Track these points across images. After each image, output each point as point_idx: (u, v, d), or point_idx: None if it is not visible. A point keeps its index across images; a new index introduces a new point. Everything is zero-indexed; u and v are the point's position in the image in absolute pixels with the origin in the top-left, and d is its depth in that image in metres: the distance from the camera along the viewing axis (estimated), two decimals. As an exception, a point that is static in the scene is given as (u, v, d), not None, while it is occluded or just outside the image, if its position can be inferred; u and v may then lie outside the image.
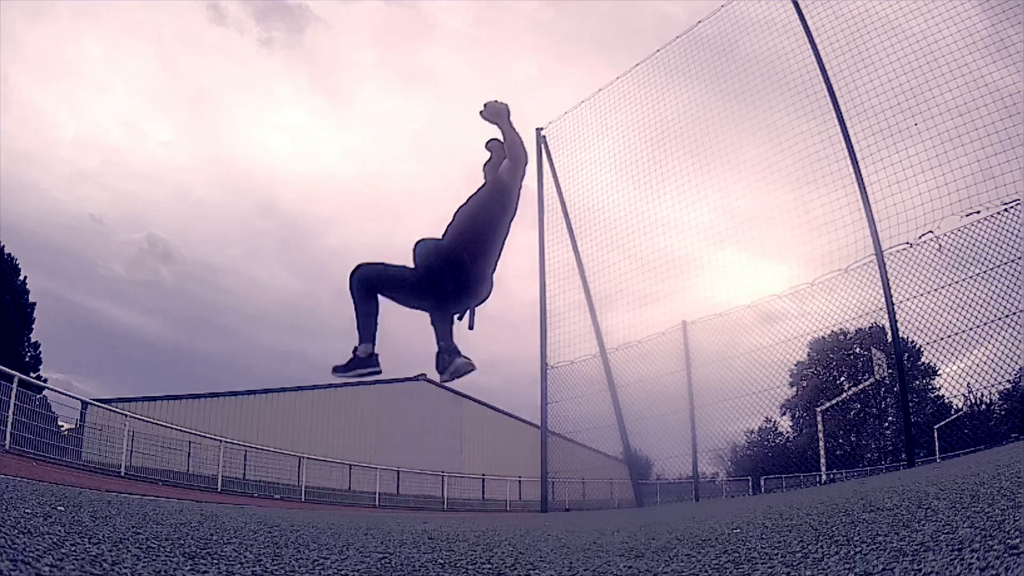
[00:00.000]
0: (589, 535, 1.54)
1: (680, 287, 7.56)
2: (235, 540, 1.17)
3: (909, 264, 5.44)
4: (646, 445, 8.10)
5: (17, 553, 0.76)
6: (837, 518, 1.25)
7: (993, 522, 0.88)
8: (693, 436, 7.59)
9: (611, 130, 8.37)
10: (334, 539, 1.34)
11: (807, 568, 0.79)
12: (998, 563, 0.66)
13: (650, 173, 7.78)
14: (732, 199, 7.01)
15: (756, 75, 6.86)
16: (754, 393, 7.07)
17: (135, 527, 1.20)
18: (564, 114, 8.84)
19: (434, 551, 1.20)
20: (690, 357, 7.69)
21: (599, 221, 8.28)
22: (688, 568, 0.89)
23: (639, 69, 8.06)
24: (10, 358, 18.76)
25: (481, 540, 1.42)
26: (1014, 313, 4.85)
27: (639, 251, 7.71)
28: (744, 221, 6.91)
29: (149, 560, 0.85)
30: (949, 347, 5.21)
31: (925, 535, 0.87)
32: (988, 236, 5.00)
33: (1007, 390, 5.68)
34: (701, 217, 7.18)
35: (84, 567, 0.74)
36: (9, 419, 8.86)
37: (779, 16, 6.62)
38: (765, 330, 6.87)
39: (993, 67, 5.15)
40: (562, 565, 0.99)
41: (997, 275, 4.97)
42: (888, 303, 5.50)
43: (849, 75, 6.01)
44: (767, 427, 27.81)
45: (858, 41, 5.94)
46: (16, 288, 25.18)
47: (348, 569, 0.93)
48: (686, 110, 7.50)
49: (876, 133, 5.77)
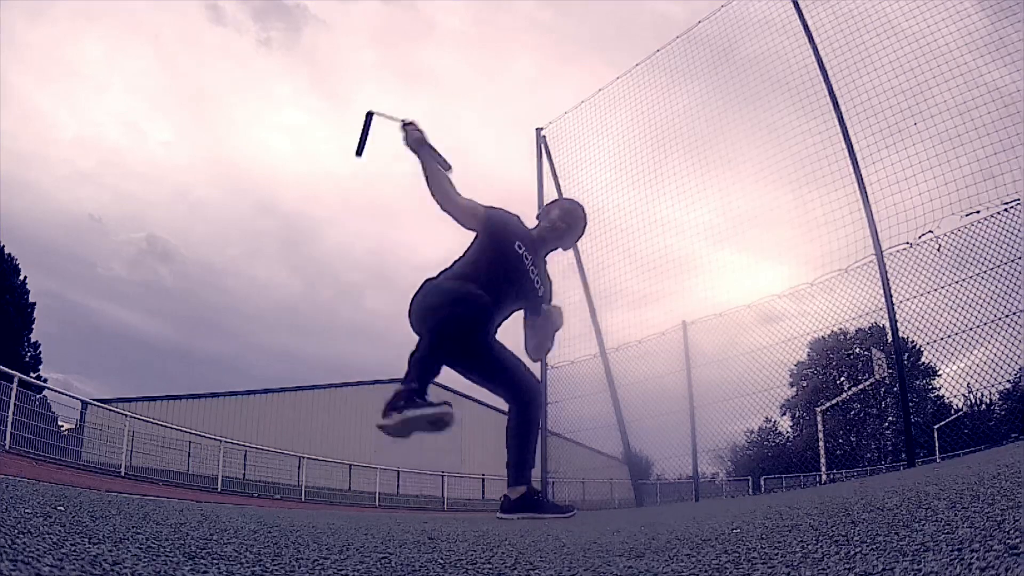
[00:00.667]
0: (589, 535, 1.54)
1: (680, 287, 7.56)
2: (235, 540, 1.16)
3: (909, 264, 5.43)
4: (646, 445, 8.10)
5: (17, 553, 0.76)
6: (837, 518, 1.24)
7: (993, 522, 0.88)
8: (693, 436, 7.60)
9: (611, 130, 8.37)
10: (334, 539, 1.34)
11: (807, 568, 0.79)
12: (998, 563, 0.66)
13: (650, 173, 7.79)
14: (732, 199, 7.02)
15: (756, 75, 6.87)
16: (754, 393, 7.08)
17: (135, 527, 1.20)
18: (564, 114, 8.85)
19: (434, 551, 1.20)
20: (690, 357, 7.69)
21: (599, 221, 8.28)
22: (688, 568, 0.89)
23: (639, 69, 8.06)
24: (10, 358, 18.76)
25: (481, 540, 1.42)
26: (1014, 313, 4.85)
27: (639, 251, 7.71)
28: (744, 221, 6.91)
29: (149, 560, 0.85)
30: (949, 347, 5.21)
31: (925, 535, 0.87)
32: (988, 236, 5.00)
33: (1007, 390, 5.68)
34: (701, 217, 7.19)
35: (84, 567, 0.74)
36: (9, 419, 8.86)
37: (779, 16, 6.63)
38: (765, 330, 6.88)
39: (992, 66, 5.15)
40: (562, 565, 0.98)
41: (997, 275, 4.97)
42: (888, 303, 5.50)
43: (849, 75, 6.01)
44: (767, 427, 27.81)
45: (858, 41, 5.94)
46: (16, 288, 25.20)
47: (348, 569, 0.93)
48: (686, 110, 7.50)
49: (876, 133, 5.77)
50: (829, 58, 6.12)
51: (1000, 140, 4.91)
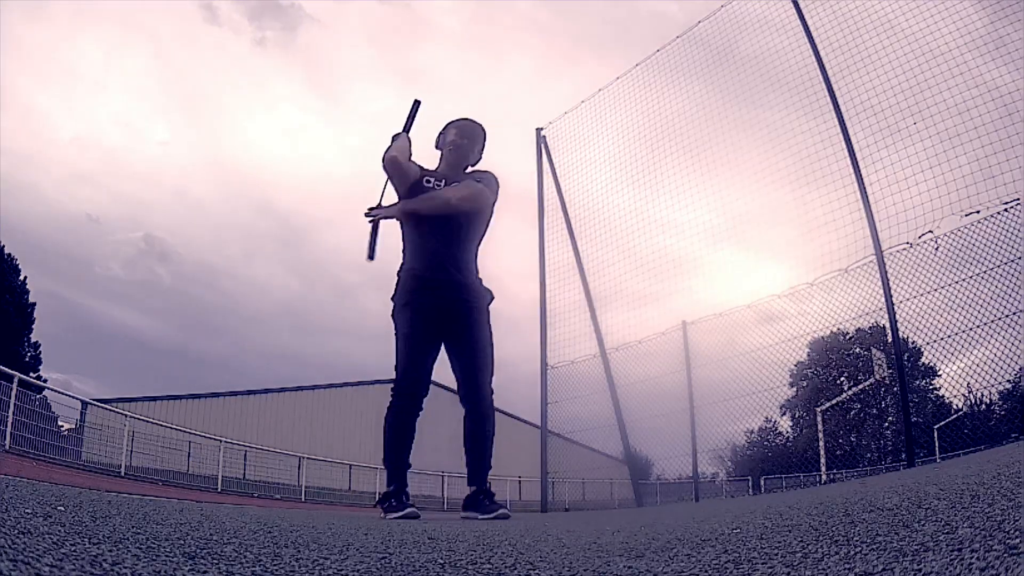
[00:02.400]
0: (589, 535, 1.54)
1: (680, 287, 7.56)
2: (235, 540, 1.16)
3: (909, 264, 5.43)
4: (646, 445, 8.10)
5: (17, 553, 0.76)
6: (837, 518, 1.24)
7: (993, 522, 0.88)
8: (693, 436, 7.60)
9: (611, 130, 8.37)
10: (334, 539, 1.33)
11: (807, 568, 0.79)
12: (998, 563, 0.66)
13: (650, 173, 7.78)
14: (732, 199, 7.02)
15: (756, 74, 6.87)
16: (754, 393, 7.08)
17: (135, 527, 1.20)
18: (564, 114, 8.84)
19: (434, 551, 1.19)
20: (690, 357, 7.69)
21: (599, 221, 8.28)
22: (688, 568, 0.89)
23: (639, 69, 8.06)
24: (10, 358, 18.76)
25: (481, 540, 1.42)
26: (1014, 313, 4.85)
27: (639, 251, 7.71)
28: (744, 221, 6.91)
29: (149, 560, 0.85)
30: (949, 347, 5.20)
31: (925, 535, 0.87)
32: (988, 236, 5.00)
33: (1007, 390, 5.67)
34: (701, 217, 7.18)
35: (84, 567, 0.74)
36: (9, 419, 8.86)
37: (779, 15, 6.63)
38: (765, 330, 6.87)
39: (992, 65, 5.14)
40: (562, 565, 0.98)
41: (997, 275, 4.97)
42: (888, 303, 5.50)
43: (848, 74, 6.00)
44: (767, 427, 27.83)
45: (857, 40, 5.93)
46: (16, 288, 25.19)
47: (348, 569, 0.92)
48: (686, 110, 7.50)
49: (876, 132, 5.77)
50: (829, 57, 6.12)
51: (1000, 140, 4.91)
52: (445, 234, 2.87)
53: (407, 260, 2.94)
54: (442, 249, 2.86)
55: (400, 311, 2.87)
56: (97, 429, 12.72)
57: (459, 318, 2.88)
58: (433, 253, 2.86)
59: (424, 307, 2.82)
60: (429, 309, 2.83)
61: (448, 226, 2.87)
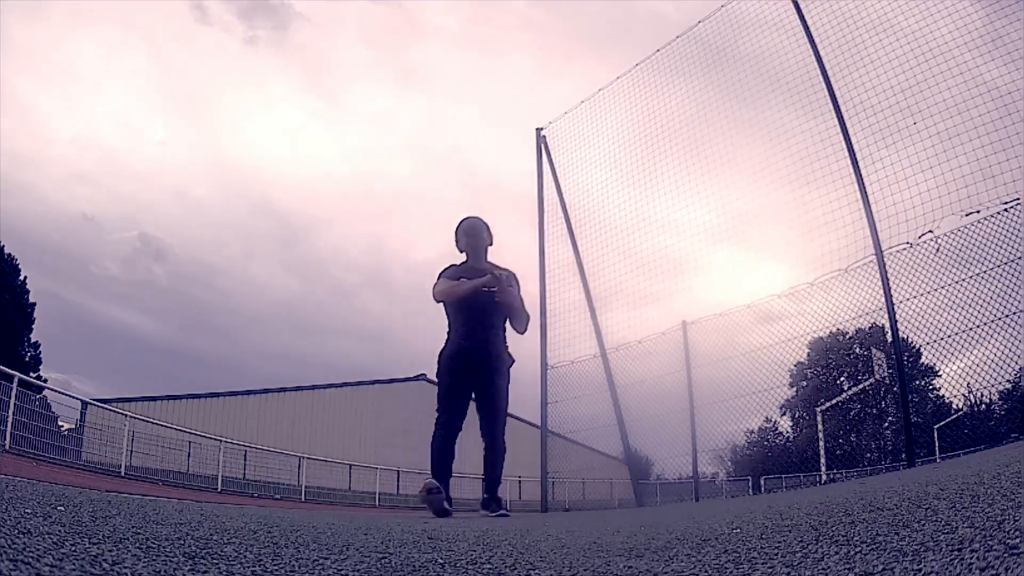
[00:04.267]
0: (589, 535, 1.54)
1: (680, 287, 7.56)
2: (235, 540, 1.16)
3: (909, 264, 5.42)
4: (646, 445, 8.10)
5: (17, 553, 0.76)
6: (837, 518, 1.24)
7: (993, 522, 0.88)
8: (693, 436, 7.59)
9: (611, 130, 8.36)
10: (334, 539, 1.33)
11: (807, 568, 0.79)
12: (998, 563, 0.66)
13: (650, 173, 7.78)
14: (731, 199, 7.01)
15: (755, 74, 6.86)
16: (754, 393, 7.07)
17: (135, 527, 1.20)
18: (564, 114, 8.84)
19: (434, 551, 1.19)
20: (690, 357, 7.69)
21: (599, 221, 8.28)
22: (688, 568, 0.89)
23: (639, 69, 8.06)
24: (10, 358, 18.76)
25: (481, 540, 1.42)
26: (1014, 313, 4.85)
27: (639, 251, 7.70)
28: (743, 221, 6.91)
29: (149, 560, 0.85)
30: (949, 347, 5.20)
31: (925, 535, 0.87)
32: (988, 236, 5.00)
33: (1007, 390, 5.68)
34: (701, 217, 7.18)
35: (84, 567, 0.74)
36: (9, 419, 8.86)
37: (779, 15, 6.62)
38: (765, 330, 6.87)
39: (991, 64, 5.14)
40: (562, 565, 0.98)
41: (997, 275, 4.97)
42: (888, 303, 5.49)
43: (848, 73, 6.00)
44: (767, 427, 27.83)
45: (857, 39, 5.93)
46: (16, 288, 25.19)
47: (348, 569, 0.93)
48: (686, 109, 7.49)
49: (875, 132, 5.76)
50: (828, 57, 6.11)
51: (999, 139, 4.91)
52: (481, 316, 3.87)
53: (452, 331, 3.96)
54: (478, 327, 3.89)
55: (445, 365, 3.94)
56: (97, 429, 12.72)
57: (484, 376, 3.95)
58: (471, 329, 3.88)
59: (461, 367, 3.90)
60: (465, 368, 3.90)
61: (484, 311, 3.86)
